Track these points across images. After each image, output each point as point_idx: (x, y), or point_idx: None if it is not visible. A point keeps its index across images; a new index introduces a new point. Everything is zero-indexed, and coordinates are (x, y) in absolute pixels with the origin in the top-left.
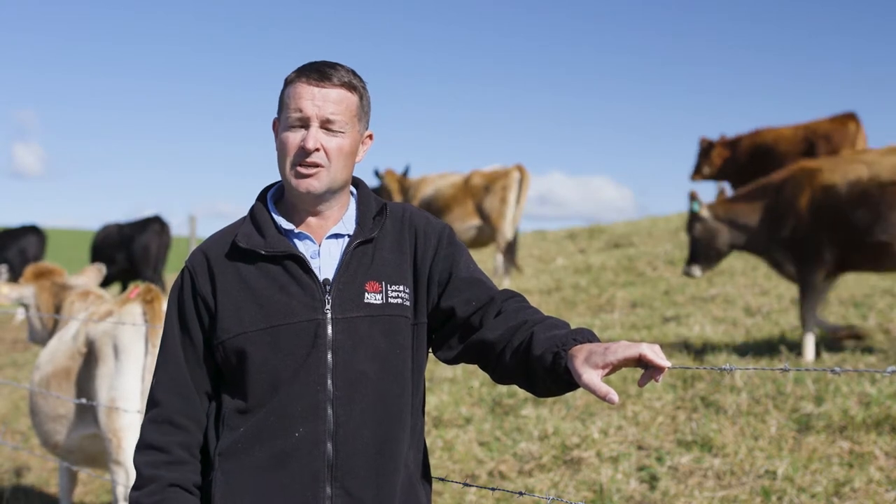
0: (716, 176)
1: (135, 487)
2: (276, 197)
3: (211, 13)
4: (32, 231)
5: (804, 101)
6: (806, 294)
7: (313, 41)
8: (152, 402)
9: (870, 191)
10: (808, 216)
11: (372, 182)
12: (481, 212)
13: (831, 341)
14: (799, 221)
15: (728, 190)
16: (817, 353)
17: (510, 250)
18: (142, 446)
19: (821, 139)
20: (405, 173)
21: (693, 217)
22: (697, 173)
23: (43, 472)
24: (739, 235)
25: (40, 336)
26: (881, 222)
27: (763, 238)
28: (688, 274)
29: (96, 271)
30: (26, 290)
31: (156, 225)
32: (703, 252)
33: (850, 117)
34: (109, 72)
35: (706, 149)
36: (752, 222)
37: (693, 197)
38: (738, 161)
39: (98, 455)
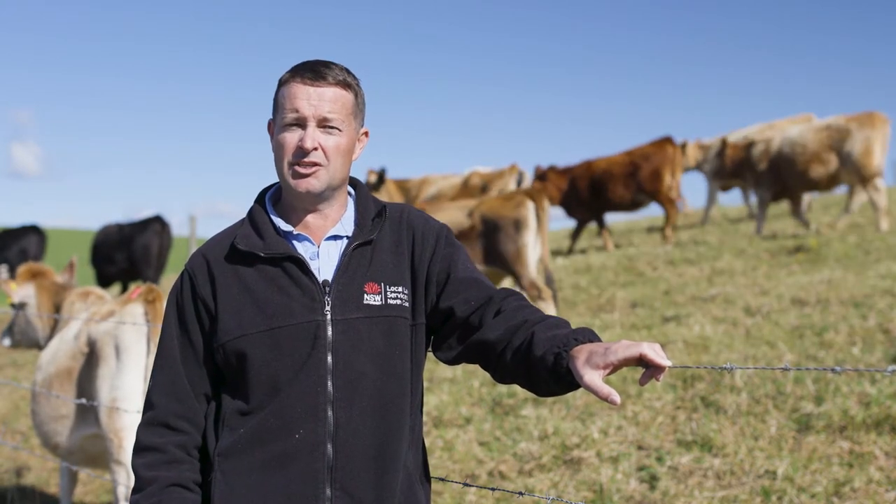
0: (555, 203)
1: (134, 490)
2: (274, 198)
3: (211, 13)
4: (33, 231)
5: (804, 101)
6: None
7: (311, 41)
8: (149, 405)
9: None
10: None
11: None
12: None
13: (831, 340)
14: None
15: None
16: None
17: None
18: (138, 449)
19: (643, 161)
20: (381, 175)
21: None
22: None
23: (43, 472)
24: None
25: (25, 339)
26: None
27: None
28: None
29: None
30: (28, 289)
31: (156, 225)
32: None
33: (668, 141)
34: (107, 71)
35: (539, 177)
36: None
37: None
38: (577, 189)
39: (99, 455)
